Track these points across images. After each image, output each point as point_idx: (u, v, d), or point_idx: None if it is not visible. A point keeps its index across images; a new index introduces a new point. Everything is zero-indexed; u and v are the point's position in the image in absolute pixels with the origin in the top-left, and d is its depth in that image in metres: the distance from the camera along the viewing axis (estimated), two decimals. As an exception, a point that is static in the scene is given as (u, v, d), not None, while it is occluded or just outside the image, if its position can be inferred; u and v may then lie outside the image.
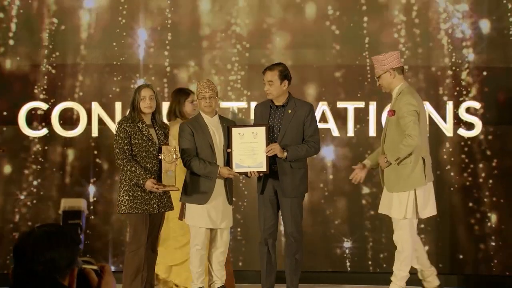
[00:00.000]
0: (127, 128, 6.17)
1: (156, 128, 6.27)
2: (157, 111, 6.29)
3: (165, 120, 6.68)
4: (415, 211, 6.16)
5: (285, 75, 6.38)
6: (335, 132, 7.74)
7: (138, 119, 6.20)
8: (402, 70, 6.32)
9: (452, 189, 7.69)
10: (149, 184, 6.07)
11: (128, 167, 6.10)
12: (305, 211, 6.72)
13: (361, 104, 7.71)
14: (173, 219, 6.58)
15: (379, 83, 6.32)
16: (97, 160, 7.70)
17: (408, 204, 6.12)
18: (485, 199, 7.66)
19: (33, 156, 7.64)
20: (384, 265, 7.59)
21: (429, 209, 6.26)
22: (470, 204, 7.67)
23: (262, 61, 7.54)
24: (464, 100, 7.67)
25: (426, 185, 6.19)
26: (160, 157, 6.13)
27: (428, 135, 6.56)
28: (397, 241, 6.25)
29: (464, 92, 7.69)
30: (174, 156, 6.12)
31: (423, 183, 6.16)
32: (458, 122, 7.67)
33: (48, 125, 7.60)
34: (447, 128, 7.68)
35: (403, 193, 6.14)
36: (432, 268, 6.46)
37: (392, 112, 6.20)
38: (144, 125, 6.21)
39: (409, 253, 6.21)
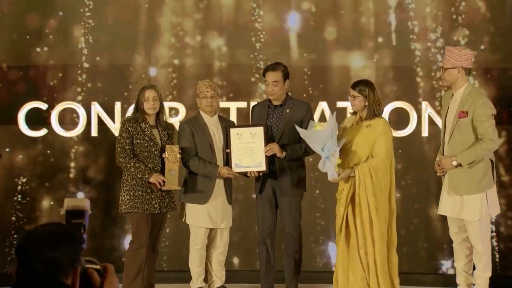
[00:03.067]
0: (129, 128, 6.21)
1: (160, 129, 6.30)
2: (161, 112, 6.31)
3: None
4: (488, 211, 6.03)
5: (286, 73, 6.39)
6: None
7: (142, 119, 6.24)
8: (469, 71, 6.13)
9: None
10: (155, 177, 6.09)
11: (132, 163, 6.13)
12: (306, 210, 6.71)
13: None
14: None
15: (442, 75, 6.12)
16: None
17: (482, 205, 5.96)
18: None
19: (33, 156, 7.63)
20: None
21: (496, 208, 6.11)
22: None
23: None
24: None
25: (494, 185, 6.10)
26: (163, 155, 6.15)
27: None
28: (476, 243, 6.02)
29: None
30: (178, 156, 6.14)
31: (493, 184, 6.06)
32: None
33: (48, 125, 7.59)
34: None
35: (476, 195, 5.97)
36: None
37: (464, 114, 5.97)
38: (147, 126, 6.24)
39: (490, 252, 6.06)
